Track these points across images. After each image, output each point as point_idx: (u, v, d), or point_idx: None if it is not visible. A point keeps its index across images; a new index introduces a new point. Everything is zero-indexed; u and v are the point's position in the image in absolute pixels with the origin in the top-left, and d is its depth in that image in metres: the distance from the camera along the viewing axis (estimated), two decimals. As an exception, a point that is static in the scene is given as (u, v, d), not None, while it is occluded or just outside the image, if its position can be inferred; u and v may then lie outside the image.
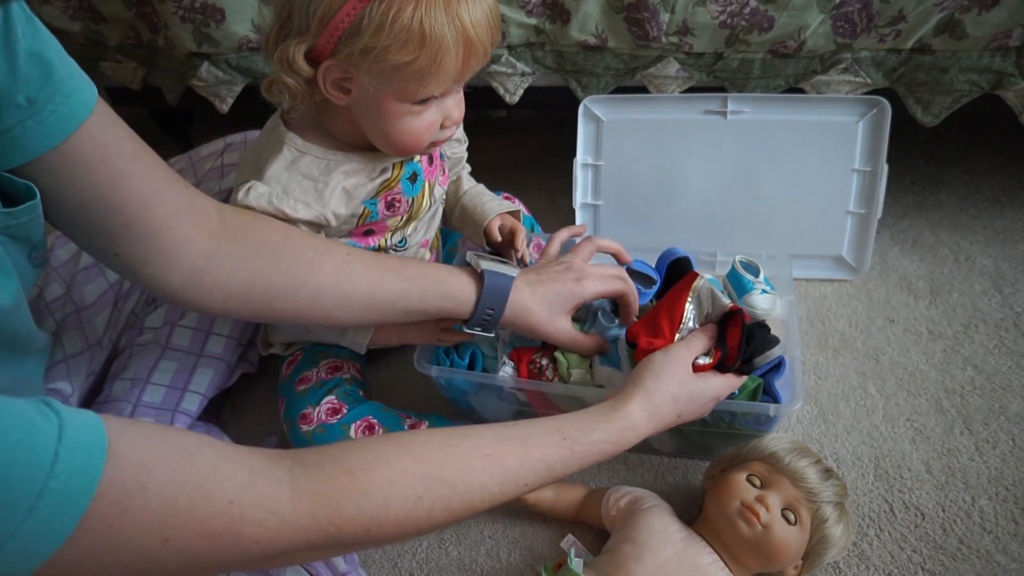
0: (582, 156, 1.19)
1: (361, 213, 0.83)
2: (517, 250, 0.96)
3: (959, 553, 0.80)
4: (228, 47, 1.14)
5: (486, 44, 0.70)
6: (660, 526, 0.76)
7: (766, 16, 1.00)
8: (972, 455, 0.90)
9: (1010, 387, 0.97)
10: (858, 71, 1.05)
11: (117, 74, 1.29)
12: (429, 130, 0.77)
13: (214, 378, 0.95)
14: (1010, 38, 0.96)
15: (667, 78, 1.11)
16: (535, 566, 0.83)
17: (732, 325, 0.77)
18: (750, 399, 0.80)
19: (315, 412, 0.90)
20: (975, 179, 1.36)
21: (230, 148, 1.05)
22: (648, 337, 0.79)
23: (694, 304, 0.83)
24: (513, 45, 1.12)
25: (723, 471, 0.81)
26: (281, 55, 0.68)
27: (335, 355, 0.98)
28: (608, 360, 0.88)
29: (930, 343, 1.05)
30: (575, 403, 0.87)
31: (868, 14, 0.98)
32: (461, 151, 1.02)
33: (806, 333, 1.09)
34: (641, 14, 1.02)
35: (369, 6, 0.64)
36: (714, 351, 0.77)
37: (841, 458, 0.91)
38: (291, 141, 0.78)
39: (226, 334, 0.97)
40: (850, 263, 1.17)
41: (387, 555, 0.87)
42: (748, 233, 1.17)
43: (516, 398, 0.91)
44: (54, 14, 1.18)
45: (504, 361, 0.88)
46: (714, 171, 1.16)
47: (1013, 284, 1.12)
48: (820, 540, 0.74)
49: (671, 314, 0.81)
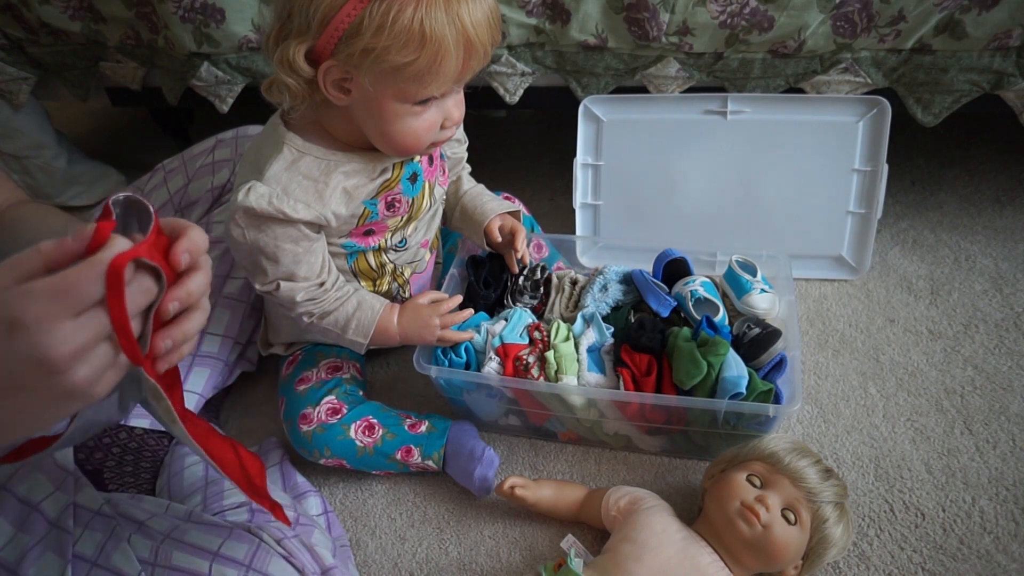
0: (582, 156, 1.19)
1: (361, 213, 0.83)
2: (517, 250, 0.97)
3: (959, 553, 0.80)
4: (228, 47, 1.14)
5: (486, 44, 0.70)
6: (660, 526, 0.76)
7: (766, 16, 1.00)
8: (972, 455, 0.90)
9: (1010, 387, 0.97)
10: (858, 71, 1.05)
11: (117, 74, 1.29)
12: (429, 130, 0.77)
13: (211, 377, 0.95)
14: (1010, 38, 0.96)
15: (667, 78, 1.11)
16: (535, 566, 0.83)
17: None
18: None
19: (315, 412, 0.90)
20: (975, 179, 1.36)
21: (220, 144, 1.05)
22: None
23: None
24: (513, 45, 1.12)
25: (723, 471, 0.81)
26: (281, 55, 0.68)
27: (335, 355, 0.99)
28: (594, 366, 0.88)
29: (930, 343, 1.05)
30: (560, 402, 0.87)
31: (868, 14, 0.98)
32: (461, 151, 1.02)
33: (806, 333, 1.09)
34: (641, 14, 1.02)
35: (369, 7, 0.64)
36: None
37: (841, 458, 0.91)
38: (291, 141, 0.78)
39: (222, 333, 0.97)
40: (850, 263, 1.17)
41: (387, 555, 0.87)
42: (748, 233, 1.17)
43: (505, 396, 0.91)
44: (54, 14, 1.18)
45: (491, 356, 0.89)
46: (714, 171, 1.16)
47: (1013, 284, 1.12)
48: (820, 540, 0.74)
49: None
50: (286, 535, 0.69)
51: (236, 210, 0.76)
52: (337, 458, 0.90)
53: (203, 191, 1.03)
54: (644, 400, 0.83)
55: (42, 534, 0.63)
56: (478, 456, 0.88)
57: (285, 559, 0.67)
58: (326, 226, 0.81)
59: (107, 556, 0.63)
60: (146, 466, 0.86)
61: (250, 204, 0.75)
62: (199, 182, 1.03)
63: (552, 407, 0.90)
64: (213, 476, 0.81)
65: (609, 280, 0.98)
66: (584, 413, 0.89)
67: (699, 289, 0.95)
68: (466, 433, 0.92)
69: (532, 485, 0.85)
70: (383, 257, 0.91)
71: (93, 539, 0.64)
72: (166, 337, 0.45)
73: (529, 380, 0.86)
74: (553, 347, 0.89)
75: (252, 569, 0.65)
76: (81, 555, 0.63)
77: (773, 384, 0.82)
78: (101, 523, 0.66)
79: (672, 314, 0.95)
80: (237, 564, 0.64)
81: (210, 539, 0.66)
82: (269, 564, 0.66)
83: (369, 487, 0.94)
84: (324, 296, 0.85)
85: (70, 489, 0.67)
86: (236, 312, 1.00)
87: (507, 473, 0.94)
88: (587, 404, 0.87)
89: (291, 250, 0.79)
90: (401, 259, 0.93)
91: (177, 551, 0.64)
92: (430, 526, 0.89)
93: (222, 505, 0.76)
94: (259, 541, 0.67)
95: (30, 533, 0.63)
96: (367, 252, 0.89)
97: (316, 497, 0.90)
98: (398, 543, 0.88)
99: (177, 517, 0.69)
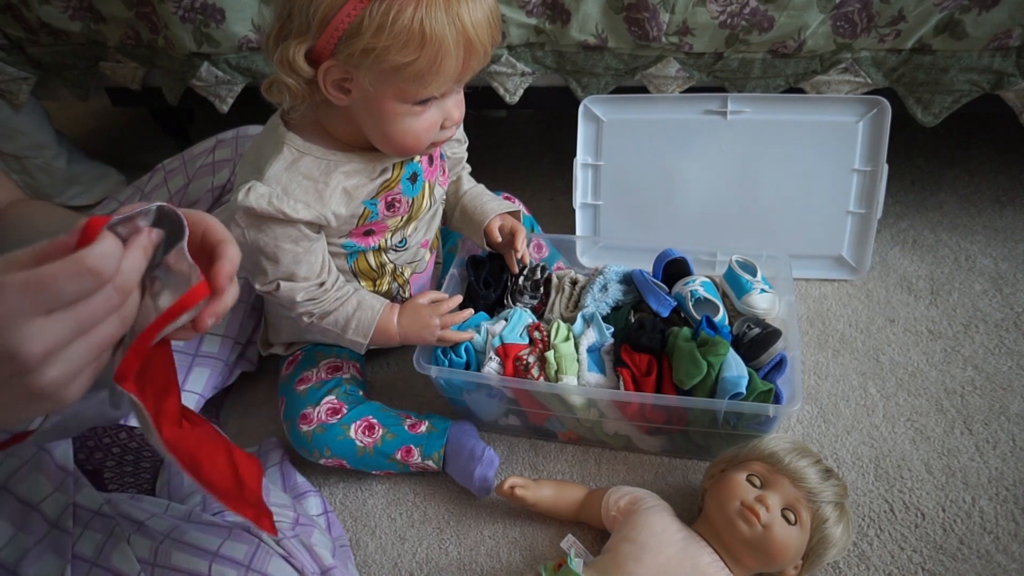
0: (582, 156, 1.19)
1: (361, 213, 0.83)
2: (517, 250, 0.97)
3: (959, 553, 0.80)
4: (228, 47, 1.14)
5: (486, 44, 0.70)
6: (660, 526, 0.76)
7: (766, 16, 1.00)
8: (972, 455, 0.90)
9: (1010, 387, 0.97)
10: (858, 71, 1.04)
11: (117, 74, 1.29)
12: (429, 130, 0.77)
13: (211, 377, 0.95)
14: (1010, 38, 0.96)
15: (667, 78, 1.11)
16: (535, 566, 0.83)
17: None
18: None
19: (315, 412, 0.90)
20: (975, 179, 1.36)
21: (221, 144, 1.05)
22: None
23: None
24: (513, 45, 1.11)
25: (723, 471, 0.81)
26: (281, 55, 0.68)
27: (335, 355, 0.99)
28: (594, 366, 0.88)
29: (930, 343, 1.05)
30: (560, 402, 0.87)
31: (868, 14, 0.98)
32: (461, 151, 1.02)
33: (806, 333, 1.09)
34: (641, 14, 1.02)
35: (369, 7, 0.64)
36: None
37: (841, 458, 0.91)
38: (291, 141, 0.78)
39: (222, 334, 0.97)
40: (850, 263, 1.17)
41: (387, 555, 0.87)
42: (748, 233, 1.17)
43: (505, 396, 0.91)
44: (54, 14, 1.18)
45: (491, 356, 0.89)
46: (714, 171, 1.16)
47: (1013, 284, 1.12)
48: (820, 540, 0.74)
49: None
50: (285, 535, 0.69)
51: (236, 210, 0.76)
52: (337, 458, 0.90)
53: (203, 191, 1.03)
54: (644, 400, 0.83)
55: (42, 534, 0.63)
56: (478, 456, 0.88)
57: (284, 559, 0.67)
58: (326, 226, 0.81)
59: (107, 556, 0.63)
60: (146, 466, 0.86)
61: (250, 204, 0.75)
62: (199, 182, 1.03)
63: (552, 407, 0.90)
64: (213, 476, 0.81)
65: (609, 280, 0.98)
66: (584, 413, 0.89)
67: (699, 289, 0.95)
68: (466, 433, 0.92)
69: (532, 485, 0.85)
70: (383, 257, 0.91)
71: (93, 539, 0.64)
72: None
73: (529, 380, 0.86)
74: (553, 347, 0.89)
75: (251, 569, 0.65)
76: (81, 555, 0.63)
77: (773, 384, 0.82)
78: (101, 523, 0.65)
79: (672, 314, 0.95)
80: (236, 564, 0.64)
81: (209, 539, 0.66)
82: (268, 564, 0.66)
83: (369, 487, 0.94)
84: (324, 296, 0.85)
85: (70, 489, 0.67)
86: (236, 312, 1.00)
87: (507, 473, 0.94)
88: (587, 404, 0.87)
89: (291, 250, 0.79)
90: (401, 259, 0.93)
91: (177, 551, 0.64)
92: (430, 526, 0.89)
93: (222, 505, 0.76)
94: (258, 541, 0.67)
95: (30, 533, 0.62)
96: (367, 252, 0.89)
97: (316, 497, 0.90)
98: (398, 543, 0.88)
99: (177, 517, 0.69)
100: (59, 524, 0.64)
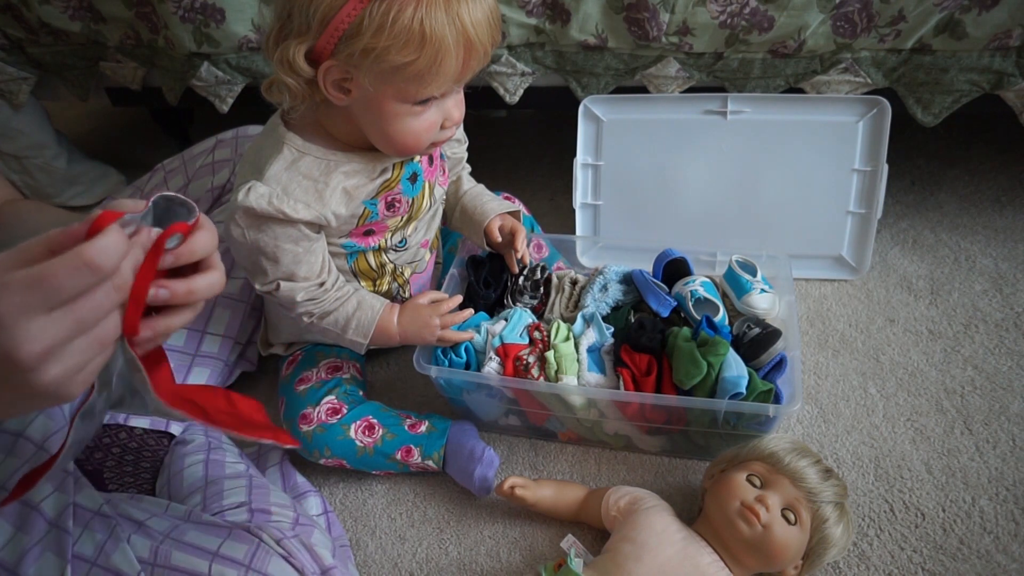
0: (582, 156, 1.19)
1: (361, 213, 0.83)
2: (517, 250, 0.97)
3: (959, 553, 0.80)
4: (228, 47, 1.14)
5: (486, 44, 0.70)
6: (660, 526, 0.76)
7: (766, 16, 1.00)
8: (972, 455, 0.90)
9: (1010, 387, 0.97)
10: (858, 71, 1.04)
11: (117, 74, 1.29)
12: (429, 131, 0.77)
13: (211, 378, 0.95)
14: (1010, 38, 0.96)
15: (667, 78, 1.11)
16: (535, 566, 0.83)
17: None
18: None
19: (315, 412, 0.90)
20: (975, 179, 1.36)
21: (220, 144, 1.05)
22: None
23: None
24: (513, 45, 1.11)
25: (723, 471, 0.81)
26: (281, 55, 0.68)
27: (335, 355, 0.99)
28: (594, 366, 0.88)
29: (930, 343, 1.05)
30: (560, 402, 0.87)
31: (868, 14, 0.98)
32: (461, 151, 1.02)
33: (806, 333, 1.09)
34: (641, 14, 1.02)
35: (369, 7, 0.64)
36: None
37: (841, 458, 0.91)
38: (291, 141, 0.78)
39: (222, 334, 0.97)
40: (850, 263, 1.17)
41: (387, 555, 0.87)
42: (748, 233, 1.17)
43: (505, 396, 0.91)
44: (54, 14, 1.18)
45: (491, 356, 0.89)
46: (714, 171, 1.16)
47: (1013, 284, 1.12)
48: (820, 540, 0.74)
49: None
50: (285, 535, 0.69)
51: (236, 210, 0.76)
52: (337, 458, 0.90)
53: (203, 191, 1.03)
54: (644, 400, 0.83)
55: (42, 534, 0.63)
56: (478, 456, 0.88)
57: (285, 559, 0.67)
58: (326, 226, 0.81)
59: (107, 556, 0.63)
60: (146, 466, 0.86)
61: (250, 204, 0.75)
62: (199, 182, 1.03)
63: (552, 407, 0.90)
64: (213, 476, 0.81)
65: (609, 280, 0.98)
66: (584, 413, 0.89)
67: (699, 289, 0.95)
68: (466, 433, 0.92)
69: (532, 485, 0.85)
70: (383, 257, 0.91)
71: (92, 539, 0.64)
72: (147, 328, 0.44)
73: (529, 380, 0.86)
74: (553, 347, 0.89)
75: (251, 569, 0.65)
76: (81, 555, 0.63)
77: (773, 384, 0.82)
78: (100, 523, 0.65)
79: (672, 314, 0.95)
80: (236, 564, 0.64)
81: (209, 539, 0.66)
82: (268, 564, 0.66)
83: (369, 487, 0.94)
84: (324, 296, 0.85)
85: (70, 489, 0.67)
86: (236, 312, 1.00)
87: (507, 473, 0.94)
88: (587, 404, 0.87)
89: (291, 250, 0.79)
90: (401, 259, 0.93)
91: (176, 551, 0.64)
92: (430, 526, 0.89)
93: (222, 505, 0.76)
94: (258, 541, 0.67)
95: (30, 533, 0.62)
96: (367, 252, 0.89)
97: (316, 497, 0.90)
98: (398, 543, 0.88)
99: (176, 517, 0.69)
100: (59, 524, 0.64)
